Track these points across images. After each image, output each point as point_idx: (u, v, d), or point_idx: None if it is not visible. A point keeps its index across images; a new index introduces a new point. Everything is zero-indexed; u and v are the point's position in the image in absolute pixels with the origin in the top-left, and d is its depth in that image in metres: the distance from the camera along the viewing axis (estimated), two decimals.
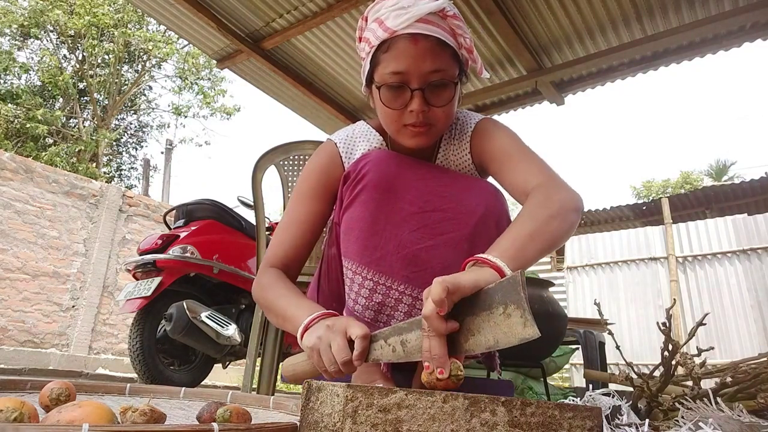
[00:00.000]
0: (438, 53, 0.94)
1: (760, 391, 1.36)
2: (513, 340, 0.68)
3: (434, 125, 0.99)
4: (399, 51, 0.94)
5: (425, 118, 0.97)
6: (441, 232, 0.95)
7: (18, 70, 13.17)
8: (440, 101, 0.97)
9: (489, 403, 0.65)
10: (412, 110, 0.96)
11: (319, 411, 0.67)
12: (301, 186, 1.11)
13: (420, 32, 0.93)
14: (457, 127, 1.13)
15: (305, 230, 1.08)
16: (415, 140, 1.00)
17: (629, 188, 20.41)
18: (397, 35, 0.94)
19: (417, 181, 0.99)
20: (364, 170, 0.98)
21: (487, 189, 1.02)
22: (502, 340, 0.69)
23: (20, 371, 5.16)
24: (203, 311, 2.88)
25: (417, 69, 0.93)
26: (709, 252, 6.21)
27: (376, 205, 0.96)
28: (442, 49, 0.95)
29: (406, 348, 0.77)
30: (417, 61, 0.93)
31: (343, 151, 1.11)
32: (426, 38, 0.93)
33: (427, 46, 0.93)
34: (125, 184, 15.57)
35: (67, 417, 0.60)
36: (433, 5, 0.94)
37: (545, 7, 3.25)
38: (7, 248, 6.63)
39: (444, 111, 0.98)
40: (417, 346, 0.76)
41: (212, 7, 3.60)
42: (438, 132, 1.02)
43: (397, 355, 0.78)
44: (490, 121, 1.12)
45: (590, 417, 0.69)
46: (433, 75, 0.94)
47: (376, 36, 0.97)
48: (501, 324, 0.69)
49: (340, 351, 0.78)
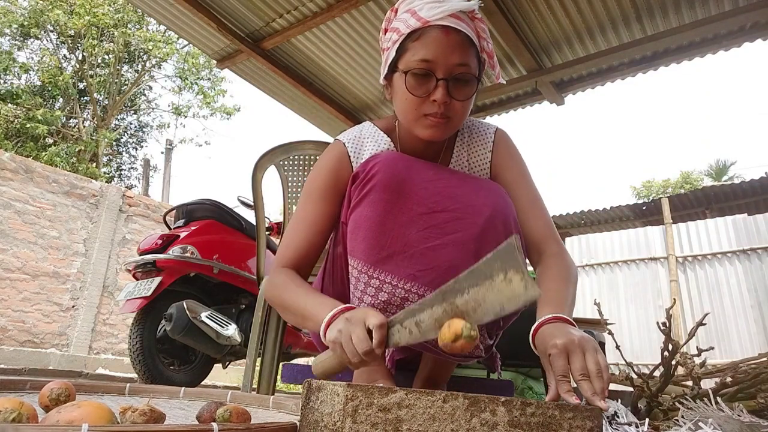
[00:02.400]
0: (466, 49, 0.98)
1: (760, 391, 1.37)
2: (518, 302, 0.72)
3: (452, 119, 1.01)
4: (430, 39, 0.97)
5: (445, 109, 0.99)
6: (448, 231, 0.96)
7: (18, 70, 13.18)
8: (462, 95, 0.99)
9: (489, 403, 0.65)
10: (435, 99, 0.98)
11: (319, 410, 0.67)
12: (310, 187, 1.12)
13: (452, 25, 0.97)
14: (473, 133, 1.15)
15: (315, 231, 1.08)
16: (431, 131, 1.02)
17: (629, 188, 20.42)
18: (429, 25, 0.97)
19: (425, 182, 1.00)
20: (373, 170, 0.99)
21: (495, 190, 1.03)
22: (508, 304, 0.73)
23: (20, 371, 5.16)
24: (203, 311, 2.88)
25: (445, 59, 0.97)
26: (709, 252, 6.21)
27: (384, 205, 0.97)
28: (469, 46, 0.99)
29: (420, 328, 0.81)
30: (446, 51, 0.97)
31: (352, 152, 1.12)
32: (457, 32, 0.97)
33: (458, 39, 0.97)
34: (125, 184, 15.58)
35: (67, 417, 0.60)
36: (466, 4, 0.99)
37: (545, 7, 3.25)
38: (7, 248, 6.63)
39: (463, 106, 1.01)
40: (431, 324, 0.79)
41: (212, 7, 3.60)
42: (453, 127, 1.04)
43: (413, 336, 0.82)
44: (507, 137, 1.17)
45: (590, 417, 0.69)
46: (459, 68, 0.98)
47: (407, 25, 1.00)
48: (504, 290, 0.74)
49: (361, 342, 0.80)
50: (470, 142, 1.15)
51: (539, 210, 1.08)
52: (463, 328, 0.75)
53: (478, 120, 1.20)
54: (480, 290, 0.76)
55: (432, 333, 0.79)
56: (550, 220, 1.08)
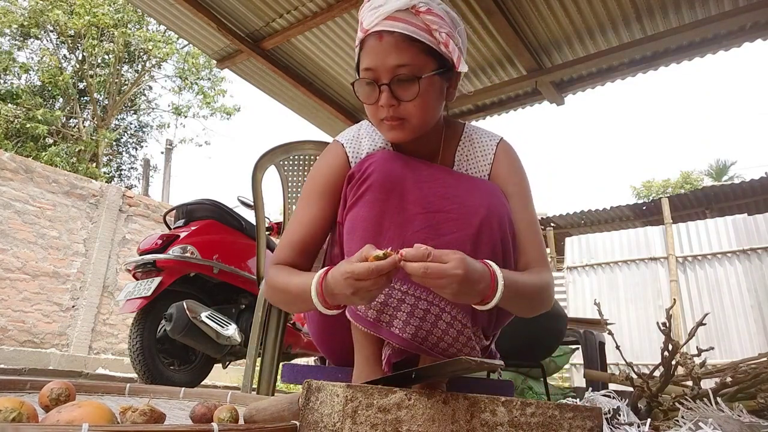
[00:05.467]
0: (403, 48, 0.96)
1: (760, 391, 1.37)
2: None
3: (408, 120, 1.01)
4: (368, 48, 0.99)
5: (395, 112, 0.99)
6: (444, 232, 0.96)
7: (18, 70, 13.18)
8: (408, 95, 0.98)
9: (489, 403, 0.65)
10: (382, 105, 0.99)
11: (319, 411, 0.67)
12: (309, 187, 1.12)
13: (385, 29, 0.96)
14: (474, 141, 1.14)
15: (312, 231, 1.08)
16: (392, 134, 1.03)
17: (629, 188, 20.42)
18: (368, 34, 0.99)
19: (421, 182, 1.00)
20: (368, 170, 0.99)
21: (490, 190, 1.03)
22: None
23: (20, 371, 5.16)
24: (203, 311, 2.88)
25: (383, 64, 0.97)
26: (709, 252, 6.21)
27: (380, 205, 0.97)
28: (408, 44, 0.97)
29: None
30: (381, 56, 0.97)
31: (351, 152, 1.12)
32: (391, 34, 0.96)
33: (391, 41, 0.96)
34: (125, 184, 15.58)
35: (67, 417, 0.60)
36: (399, 3, 0.97)
37: (545, 7, 3.25)
38: (7, 248, 6.63)
39: (415, 105, 0.99)
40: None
41: (212, 7, 3.60)
42: (414, 127, 1.02)
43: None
44: (510, 150, 1.15)
45: (590, 417, 0.69)
46: (398, 69, 0.97)
47: (357, 37, 1.03)
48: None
49: (367, 269, 0.78)
50: (471, 148, 1.14)
51: (534, 235, 1.07)
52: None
53: (483, 129, 1.18)
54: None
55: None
56: (543, 245, 1.08)
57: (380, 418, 0.62)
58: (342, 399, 0.62)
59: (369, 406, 0.62)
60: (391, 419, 0.62)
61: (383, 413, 0.62)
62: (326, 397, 0.66)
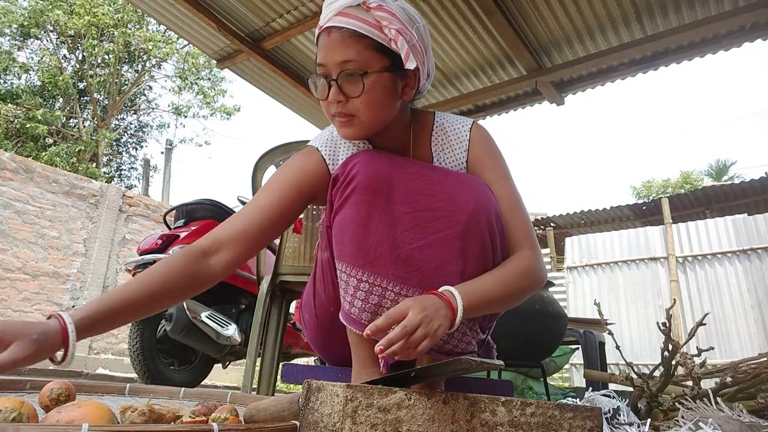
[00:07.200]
0: (349, 44, 0.96)
1: (760, 391, 1.36)
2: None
3: (357, 116, 1.00)
4: (320, 44, 1.00)
5: (344, 108, 0.99)
6: (432, 231, 0.95)
7: (18, 70, 13.17)
8: (353, 91, 0.98)
9: (489, 403, 0.65)
10: (330, 101, 1.00)
11: (319, 411, 0.67)
12: (271, 178, 1.09)
13: (334, 25, 0.97)
14: (446, 130, 1.12)
15: (260, 215, 1.01)
16: (343, 131, 1.04)
17: (629, 188, 20.44)
18: (321, 29, 1.00)
19: (406, 180, 0.99)
20: (353, 172, 0.98)
21: (476, 185, 1.01)
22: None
23: (20, 371, 5.15)
24: (203, 311, 2.88)
25: (330, 60, 0.98)
26: (709, 252, 6.20)
27: (368, 206, 0.96)
28: (355, 40, 0.96)
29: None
30: (329, 52, 0.98)
31: (327, 156, 1.10)
32: (339, 30, 0.97)
33: (337, 37, 0.97)
34: (125, 184, 15.57)
35: (67, 417, 0.60)
36: None
37: (545, 7, 3.25)
38: (7, 248, 6.63)
39: (362, 101, 0.98)
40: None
41: (212, 7, 3.60)
42: (364, 124, 1.01)
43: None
44: (484, 133, 1.13)
45: (590, 417, 0.69)
46: (344, 65, 0.97)
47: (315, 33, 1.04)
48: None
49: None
50: (445, 137, 1.12)
51: (519, 212, 1.05)
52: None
53: (454, 115, 1.16)
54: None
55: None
56: (529, 223, 1.07)
57: (380, 418, 0.62)
58: (342, 399, 0.62)
59: (369, 406, 0.62)
60: (391, 419, 0.62)
61: (383, 413, 0.62)
62: (326, 397, 0.66)
